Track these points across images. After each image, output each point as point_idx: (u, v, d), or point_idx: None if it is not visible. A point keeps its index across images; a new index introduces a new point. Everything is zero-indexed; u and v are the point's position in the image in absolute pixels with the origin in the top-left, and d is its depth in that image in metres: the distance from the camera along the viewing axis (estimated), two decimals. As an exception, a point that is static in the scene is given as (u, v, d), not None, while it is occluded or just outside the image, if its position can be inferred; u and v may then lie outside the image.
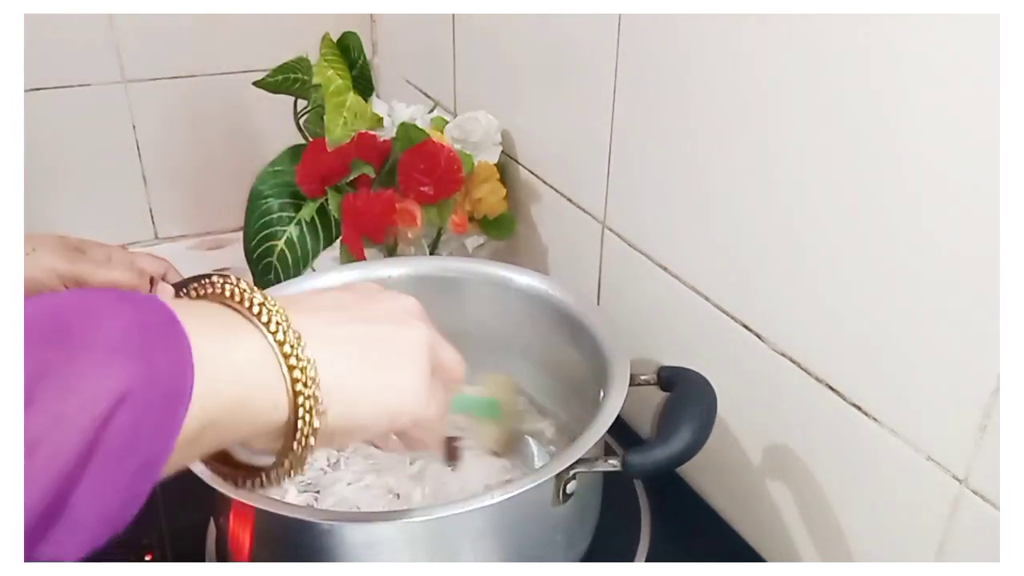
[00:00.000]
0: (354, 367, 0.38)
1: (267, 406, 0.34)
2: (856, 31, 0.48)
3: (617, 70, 0.68)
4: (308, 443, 0.35)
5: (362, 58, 0.87)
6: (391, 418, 0.39)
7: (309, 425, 0.35)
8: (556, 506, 0.53)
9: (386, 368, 0.39)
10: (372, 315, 0.40)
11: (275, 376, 0.34)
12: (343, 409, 0.37)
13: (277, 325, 0.35)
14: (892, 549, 0.54)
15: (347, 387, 0.37)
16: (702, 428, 0.52)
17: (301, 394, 0.34)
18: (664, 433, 0.52)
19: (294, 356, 0.34)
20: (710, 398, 0.55)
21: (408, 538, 0.52)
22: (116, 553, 0.63)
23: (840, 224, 0.52)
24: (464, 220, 0.82)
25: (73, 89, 1.05)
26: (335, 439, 0.38)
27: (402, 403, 0.39)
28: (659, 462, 0.51)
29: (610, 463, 0.52)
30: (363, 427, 0.38)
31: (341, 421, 0.37)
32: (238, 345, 0.34)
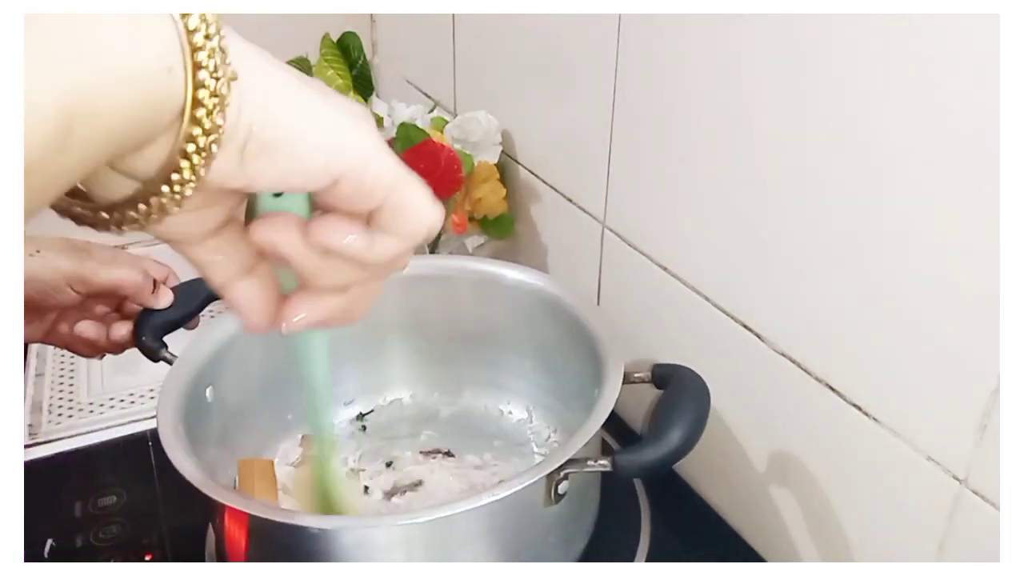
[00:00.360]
0: (288, 84, 0.28)
1: (156, 69, 0.24)
2: (856, 31, 0.48)
3: (617, 70, 0.68)
4: (212, 126, 0.25)
5: (362, 58, 0.87)
6: (329, 150, 0.29)
7: (210, 115, 0.25)
8: (548, 506, 0.53)
9: (327, 100, 0.30)
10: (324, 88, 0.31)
11: (164, 28, 0.24)
12: (264, 103, 0.27)
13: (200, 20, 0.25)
14: (892, 549, 0.54)
15: (275, 90, 0.28)
16: (694, 428, 0.52)
17: (202, 66, 0.25)
18: (655, 433, 0.51)
19: (201, 32, 0.25)
20: (703, 397, 0.55)
21: (401, 540, 0.52)
22: (116, 553, 0.64)
23: (840, 224, 0.52)
24: (464, 220, 0.82)
25: (73, 89, 1.05)
26: (247, 154, 0.27)
27: (344, 135, 0.29)
28: (650, 463, 0.50)
29: (600, 463, 0.51)
30: (288, 146, 0.28)
31: (257, 131, 0.27)
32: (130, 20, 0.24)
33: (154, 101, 0.25)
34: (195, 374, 0.60)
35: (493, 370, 0.74)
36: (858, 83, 0.48)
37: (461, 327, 0.74)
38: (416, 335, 0.75)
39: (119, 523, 0.66)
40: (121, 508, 0.68)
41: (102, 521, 0.67)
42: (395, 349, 0.76)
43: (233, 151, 0.27)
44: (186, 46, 0.25)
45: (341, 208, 0.31)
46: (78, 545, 0.64)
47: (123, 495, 0.69)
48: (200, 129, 0.25)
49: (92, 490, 0.70)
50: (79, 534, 0.65)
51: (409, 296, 0.73)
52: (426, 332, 0.75)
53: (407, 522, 0.50)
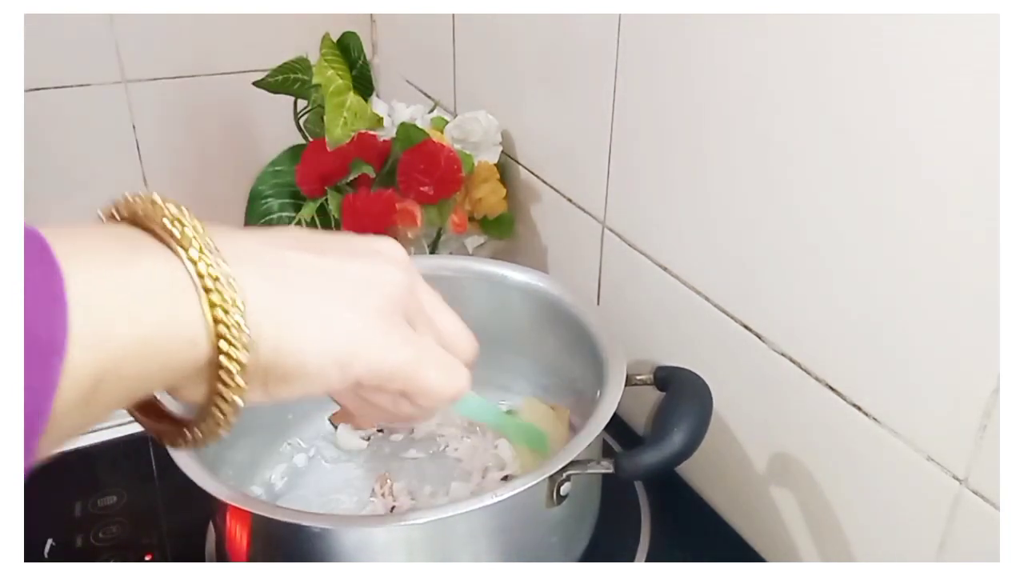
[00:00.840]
0: (290, 296, 0.31)
1: (180, 342, 0.28)
2: (857, 31, 0.48)
3: (617, 70, 0.68)
4: (237, 384, 0.29)
5: (362, 58, 0.87)
6: (340, 365, 0.31)
7: (235, 361, 0.28)
8: (550, 507, 0.53)
9: (333, 302, 0.32)
10: (326, 248, 0.33)
11: (187, 301, 0.28)
12: (276, 344, 0.30)
13: (192, 240, 0.28)
14: (892, 549, 0.54)
15: (283, 320, 0.30)
16: (696, 429, 0.52)
17: (221, 322, 0.28)
18: (657, 435, 0.51)
19: (210, 276, 0.28)
20: (705, 398, 0.55)
21: (402, 541, 0.52)
22: (116, 553, 0.64)
23: (840, 224, 0.52)
24: (464, 220, 0.82)
25: (73, 89, 1.05)
26: (271, 384, 0.31)
27: (352, 344, 0.32)
28: (652, 465, 0.51)
29: (603, 465, 0.52)
30: (304, 371, 0.31)
31: (275, 360, 0.30)
32: (136, 267, 0.27)
33: (176, 366, 0.28)
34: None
35: (494, 370, 0.74)
36: (857, 84, 0.48)
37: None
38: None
39: (119, 523, 0.66)
40: (121, 508, 0.68)
41: (102, 521, 0.67)
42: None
43: (257, 387, 0.30)
44: (209, 321, 0.28)
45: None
46: (78, 545, 0.64)
47: (123, 495, 0.69)
48: (224, 387, 0.29)
49: (92, 490, 0.70)
50: (79, 534, 0.65)
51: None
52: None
53: (409, 523, 0.50)
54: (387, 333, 0.33)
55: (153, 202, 0.29)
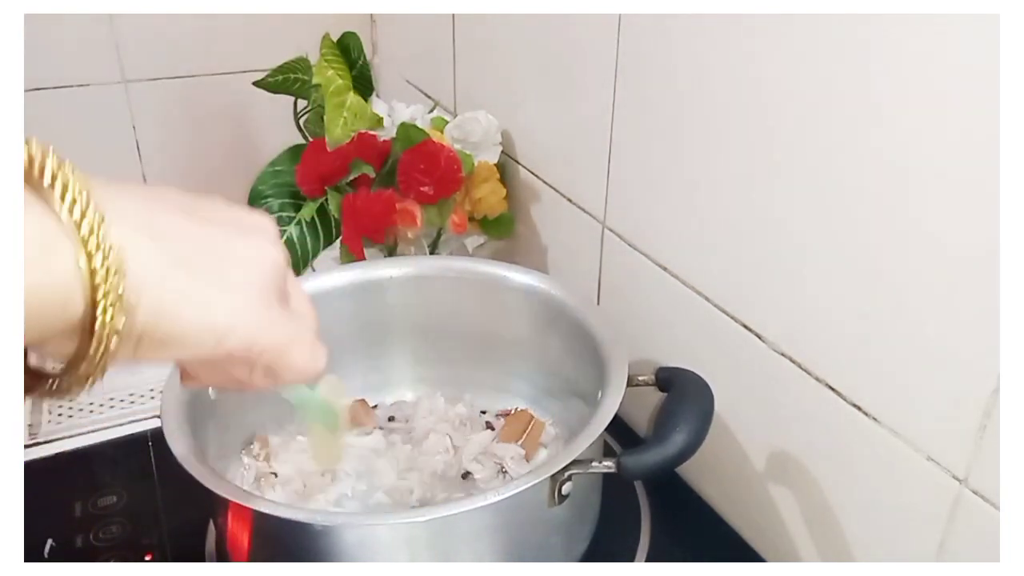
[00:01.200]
0: (174, 265, 0.31)
1: (55, 300, 0.28)
2: (856, 31, 0.48)
3: (617, 70, 0.68)
4: (108, 347, 0.29)
5: (362, 58, 0.87)
6: (218, 337, 0.32)
7: (110, 325, 0.28)
8: (552, 507, 0.53)
9: (217, 276, 0.32)
10: (212, 216, 0.33)
11: (64, 263, 0.27)
12: (155, 311, 0.30)
13: (74, 200, 0.27)
14: (892, 549, 0.54)
15: (163, 286, 0.30)
16: (698, 430, 0.52)
17: (100, 288, 0.28)
18: (660, 435, 0.51)
19: (94, 238, 0.27)
20: (707, 399, 0.55)
21: (404, 539, 0.52)
22: (116, 553, 0.64)
23: (840, 224, 0.52)
24: (464, 220, 0.82)
25: (73, 89, 1.05)
26: (142, 348, 0.31)
27: (231, 317, 0.32)
28: (654, 464, 0.51)
29: (605, 465, 0.52)
30: (180, 340, 0.31)
31: (152, 326, 0.30)
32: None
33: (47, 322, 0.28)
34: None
35: (495, 371, 0.74)
36: (856, 84, 0.48)
37: (463, 328, 0.74)
38: (418, 336, 0.75)
39: (119, 523, 0.66)
40: (121, 508, 0.68)
41: (102, 521, 0.67)
42: (397, 350, 0.76)
43: (127, 348, 0.30)
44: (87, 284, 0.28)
45: None
46: (78, 545, 0.64)
47: (123, 495, 0.69)
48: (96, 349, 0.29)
49: (92, 490, 0.70)
50: (79, 534, 0.65)
51: (411, 298, 0.74)
52: (428, 333, 0.75)
53: (411, 520, 0.50)
54: (265, 311, 0.34)
55: (30, 153, 0.28)
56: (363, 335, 0.74)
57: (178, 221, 0.32)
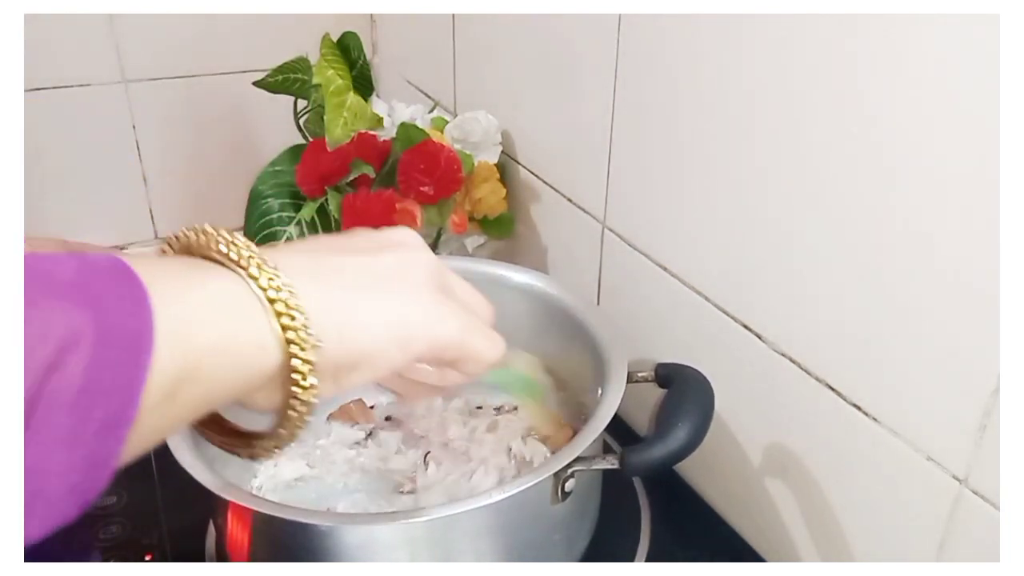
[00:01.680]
0: (342, 294, 0.34)
1: (251, 348, 0.30)
2: (856, 31, 0.48)
3: (617, 70, 0.68)
4: (310, 384, 0.32)
5: (362, 58, 0.87)
6: (401, 345, 0.35)
7: (305, 362, 0.31)
8: (555, 504, 0.53)
9: (380, 291, 0.35)
10: (355, 248, 0.36)
11: (253, 311, 0.30)
12: (339, 341, 0.33)
13: (248, 260, 0.31)
14: (892, 549, 0.54)
15: (339, 316, 0.33)
16: (700, 425, 0.52)
17: (288, 328, 0.31)
18: (662, 431, 0.52)
19: (272, 288, 0.31)
20: (707, 395, 0.55)
21: (407, 538, 0.52)
22: (116, 553, 0.64)
23: (840, 224, 0.52)
24: (464, 220, 0.82)
25: (73, 89, 1.05)
26: (341, 377, 0.34)
27: (409, 325, 0.35)
28: (657, 460, 0.51)
29: (609, 461, 0.52)
30: (371, 358, 0.34)
31: (341, 355, 0.33)
32: (205, 283, 0.30)
33: (249, 372, 0.31)
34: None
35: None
36: (856, 84, 0.48)
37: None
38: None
39: (119, 523, 0.66)
40: (121, 508, 0.68)
41: (102, 521, 0.67)
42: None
43: (328, 382, 0.33)
44: (277, 328, 0.31)
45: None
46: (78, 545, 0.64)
47: (123, 495, 0.69)
48: (298, 388, 0.32)
49: (92, 490, 0.70)
50: (79, 534, 0.65)
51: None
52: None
53: (414, 520, 0.50)
54: (435, 308, 0.36)
55: (205, 231, 0.32)
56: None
57: (333, 258, 0.35)
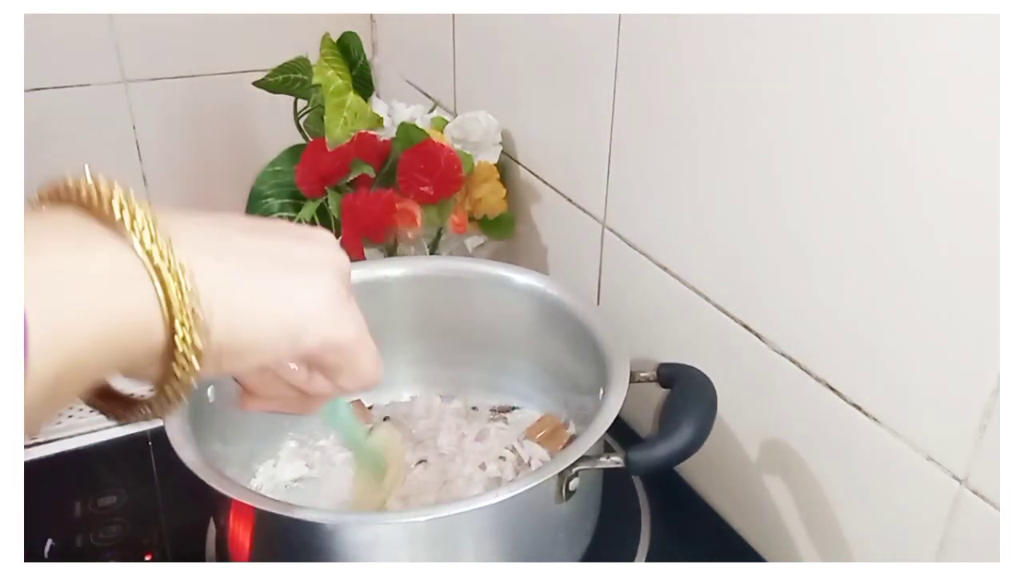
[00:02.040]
0: (240, 276, 0.32)
1: (137, 330, 0.29)
2: (856, 31, 0.48)
3: (617, 70, 0.68)
4: (192, 367, 0.30)
5: (362, 58, 0.87)
6: (291, 337, 0.33)
7: (190, 347, 0.29)
8: (559, 503, 0.53)
9: (281, 278, 0.33)
10: (269, 232, 0.34)
11: (141, 290, 0.28)
12: (229, 324, 0.31)
13: (142, 228, 0.28)
14: (892, 549, 0.54)
15: (233, 298, 0.31)
16: (703, 424, 0.53)
17: (177, 310, 0.29)
18: (666, 430, 0.52)
19: (165, 262, 0.28)
20: (710, 394, 0.56)
21: (411, 538, 0.52)
22: (116, 553, 0.64)
23: (840, 224, 0.52)
24: (464, 220, 0.82)
25: (73, 89, 1.05)
26: (223, 361, 0.32)
27: (303, 317, 0.33)
28: (662, 459, 0.51)
29: (614, 460, 0.52)
30: (257, 347, 0.32)
31: (228, 339, 0.31)
32: (87, 258, 0.28)
33: (132, 353, 0.29)
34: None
35: (495, 371, 0.74)
36: (856, 84, 0.48)
37: (462, 328, 0.74)
38: (418, 336, 0.75)
39: (119, 523, 0.66)
40: (121, 508, 0.68)
41: (102, 521, 0.67)
42: (397, 350, 0.75)
43: (210, 365, 0.31)
44: (164, 309, 0.29)
45: None
46: (78, 545, 0.64)
47: (123, 495, 0.69)
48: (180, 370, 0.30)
49: (92, 490, 0.70)
50: (79, 534, 0.65)
51: (411, 297, 0.74)
52: (428, 333, 0.75)
53: (419, 519, 0.50)
54: (336, 307, 0.35)
55: (98, 187, 0.29)
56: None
57: (239, 237, 0.33)
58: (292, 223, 0.38)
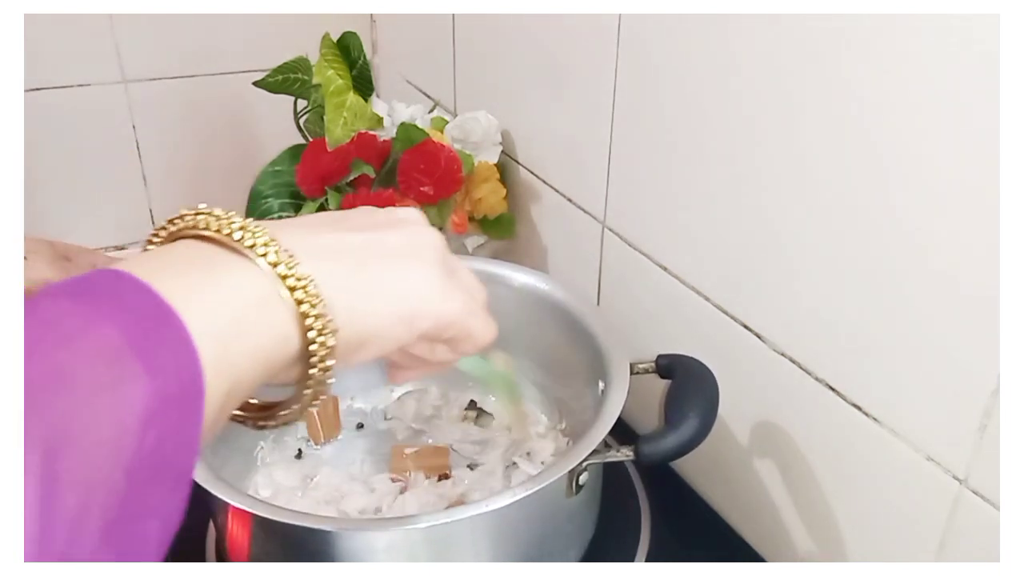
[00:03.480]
0: (353, 274, 0.34)
1: (279, 343, 0.31)
2: (856, 31, 0.48)
3: (617, 70, 0.68)
4: (327, 367, 0.33)
5: (362, 58, 0.87)
6: (407, 322, 0.36)
7: (325, 347, 0.32)
8: (569, 497, 0.54)
9: (388, 270, 0.35)
10: (361, 225, 0.37)
11: (277, 308, 0.31)
12: (351, 321, 0.33)
13: (265, 247, 0.31)
14: (892, 549, 0.54)
15: (350, 297, 0.33)
16: (708, 413, 0.53)
17: (308, 315, 0.31)
18: (673, 421, 0.52)
19: (292, 277, 0.31)
20: (712, 384, 0.56)
21: (423, 539, 0.52)
22: (116, 553, 0.63)
23: (840, 224, 0.52)
24: (464, 220, 0.82)
25: (73, 89, 1.05)
26: (351, 355, 0.35)
27: (416, 302, 0.36)
28: (671, 449, 0.52)
29: (624, 453, 0.53)
30: (378, 336, 0.35)
31: (352, 334, 0.33)
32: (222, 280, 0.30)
33: (275, 363, 0.32)
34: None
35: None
36: (856, 84, 0.48)
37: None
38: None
39: (119, 523, 0.66)
40: (121, 508, 0.68)
41: (102, 521, 0.66)
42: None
43: (340, 360, 0.34)
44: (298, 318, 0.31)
45: None
46: (78, 545, 0.64)
47: (123, 495, 0.69)
48: (316, 370, 0.33)
49: (92, 490, 0.69)
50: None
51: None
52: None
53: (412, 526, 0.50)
54: (440, 287, 0.37)
55: (218, 215, 0.32)
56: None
57: (337, 236, 0.35)
58: (375, 208, 0.40)
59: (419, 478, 0.66)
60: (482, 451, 0.69)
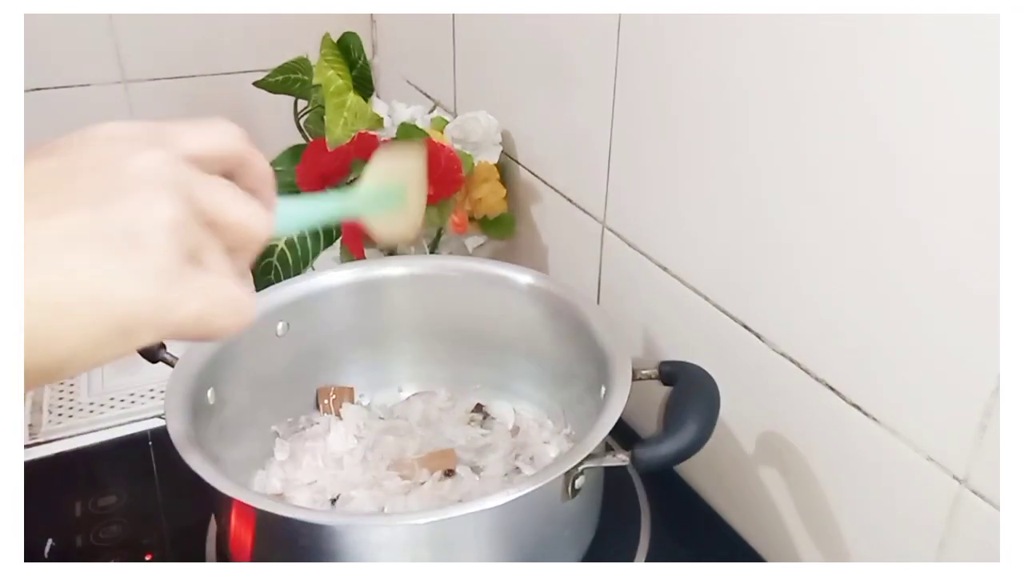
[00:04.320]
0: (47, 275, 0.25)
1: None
2: (856, 32, 0.48)
3: (617, 70, 0.68)
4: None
5: (362, 58, 0.87)
6: (124, 334, 0.27)
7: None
8: (565, 501, 0.54)
9: (95, 266, 0.26)
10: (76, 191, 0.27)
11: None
12: (36, 347, 0.25)
13: None
14: (892, 549, 0.54)
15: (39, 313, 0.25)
16: (707, 421, 0.53)
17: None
18: (671, 427, 0.52)
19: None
20: (713, 391, 0.56)
21: (419, 539, 0.52)
22: (116, 553, 0.64)
23: (840, 224, 0.52)
24: (464, 220, 0.82)
25: (73, 89, 1.05)
26: (40, 382, 0.27)
27: (133, 312, 0.27)
28: (668, 456, 0.51)
29: (620, 458, 0.52)
30: (78, 359, 0.26)
31: (42, 360, 0.26)
32: None
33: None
34: (197, 376, 0.60)
35: (495, 370, 0.74)
36: (856, 84, 0.48)
37: (463, 328, 0.74)
38: (418, 336, 0.75)
39: (119, 523, 0.66)
40: (121, 508, 0.68)
41: (102, 521, 0.67)
42: (399, 349, 0.76)
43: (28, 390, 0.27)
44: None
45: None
46: (78, 545, 0.64)
47: (123, 495, 0.69)
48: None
49: (92, 490, 0.70)
50: (79, 534, 0.65)
51: (412, 297, 0.74)
52: (427, 333, 0.75)
53: (414, 522, 0.50)
54: (168, 289, 0.28)
55: None
56: (363, 335, 0.74)
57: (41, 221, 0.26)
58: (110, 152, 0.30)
59: (424, 474, 0.66)
60: (485, 454, 0.69)
